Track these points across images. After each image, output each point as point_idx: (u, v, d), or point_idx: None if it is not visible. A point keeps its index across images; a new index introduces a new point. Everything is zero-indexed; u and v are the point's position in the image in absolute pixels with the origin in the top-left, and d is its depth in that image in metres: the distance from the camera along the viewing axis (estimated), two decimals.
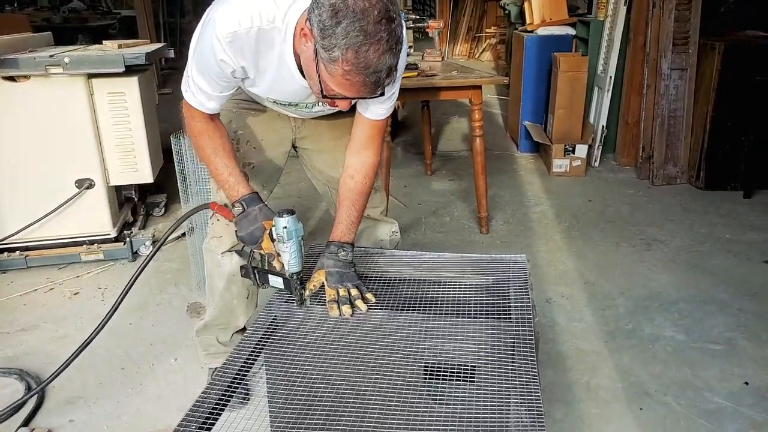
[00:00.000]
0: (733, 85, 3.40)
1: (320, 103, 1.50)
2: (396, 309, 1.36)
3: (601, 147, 4.06)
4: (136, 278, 1.47)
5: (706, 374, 1.83)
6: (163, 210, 3.27)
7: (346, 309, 1.29)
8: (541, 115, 4.32)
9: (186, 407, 1.02)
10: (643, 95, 3.79)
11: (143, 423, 1.68)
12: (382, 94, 1.22)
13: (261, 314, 1.36)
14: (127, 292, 1.49)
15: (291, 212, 1.29)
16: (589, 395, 1.74)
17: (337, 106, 1.31)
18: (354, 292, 1.32)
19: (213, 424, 1.03)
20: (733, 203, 3.30)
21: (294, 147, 1.75)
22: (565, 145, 3.89)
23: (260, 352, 1.26)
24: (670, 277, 2.46)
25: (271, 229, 1.31)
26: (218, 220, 1.63)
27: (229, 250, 1.64)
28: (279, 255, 1.32)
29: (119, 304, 1.49)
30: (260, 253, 1.38)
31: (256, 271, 1.40)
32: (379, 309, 1.34)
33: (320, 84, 1.18)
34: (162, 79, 6.85)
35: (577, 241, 2.86)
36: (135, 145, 2.70)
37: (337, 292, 1.32)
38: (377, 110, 1.44)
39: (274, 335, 1.30)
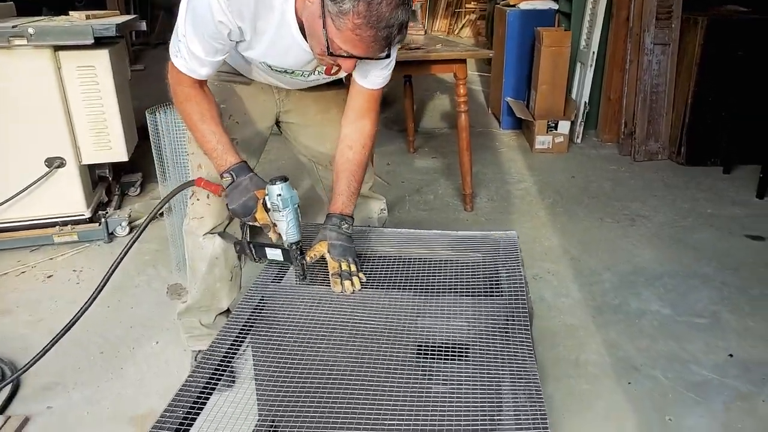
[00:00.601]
0: (715, 60, 3.40)
1: (317, 71, 1.44)
2: (386, 288, 1.33)
3: (583, 123, 4.05)
4: (118, 264, 1.41)
5: (691, 347, 1.84)
6: (138, 189, 3.18)
7: (348, 284, 1.25)
8: (524, 92, 4.28)
9: (168, 391, 0.98)
10: (625, 71, 3.77)
11: (124, 408, 1.63)
12: (389, 55, 1.17)
13: (247, 295, 1.31)
14: (108, 280, 1.42)
15: (284, 179, 1.23)
16: (578, 371, 1.74)
17: (336, 71, 1.25)
18: (353, 268, 1.28)
19: (201, 409, 0.99)
20: (714, 179, 3.32)
21: (277, 122, 1.68)
22: (548, 122, 3.86)
23: (247, 335, 1.22)
24: (655, 252, 2.47)
25: (264, 199, 1.26)
26: (198, 200, 1.57)
27: (211, 232, 1.58)
28: (275, 225, 1.27)
29: (99, 291, 1.43)
30: (255, 225, 1.32)
31: (251, 246, 1.35)
32: (370, 288, 1.30)
33: (326, 41, 1.12)
34: (134, 55, 6.64)
35: (562, 218, 2.85)
36: (108, 122, 2.60)
37: (340, 266, 1.27)
38: (376, 79, 1.38)
39: (261, 316, 1.26)
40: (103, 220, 2.62)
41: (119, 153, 2.67)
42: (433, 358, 1.16)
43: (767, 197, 3.01)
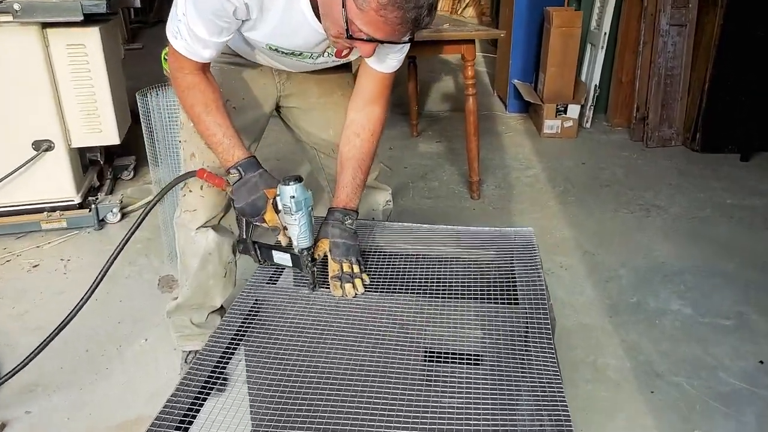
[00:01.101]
0: (734, 41, 3.24)
1: (326, 53, 1.30)
2: (391, 290, 1.21)
3: (593, 107, 3.90)
4: (110, 266, 1.30)
5: (717, 352, 1.73)
6: (132, 173, 3.05)
7: (349, 288, 1.13)
8: (531, 74, 4.13)
9: (157, 395, 0.90)
10: (639, 53, 3.61)
11: (110, 413, 1.52)
12: (412, 39, 1.05)
13: (241, 296, 1.20)
14: (99, 283, 1.31)
15: (299, 179, 1.10)
16: (596, 376, 1.63)
17: (347, 53, 1.12)
18: (356, 269, 1.17)
19: (194, 418, 0.90)
20: (731, 166, 3.19)
21: (277, 107, 1.55)
22: (557, 105, 3.72)
23: (240, 340, 1.11)
24: (673, 247, 2.35)
25: (275, 199, 1.13)
26: (190, 191, 1.44)
27: (204, 226, 1.46)
28: (285, 228, 1.15)
29: (91, 293, 1.32)
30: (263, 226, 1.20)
31: (257, 246, 1.23)
32: (373, 290, 1.19)
33: (345, 23, 0.99)
34: (131, 33, 6.45)
35: (573, 207, 2.72)
36: (98, 103, 2.46)
37: (341, 267, 1.16)
38: (391, 61, 1.26)
39: (256, 320, 1.15)
40: (93, 206, 2.49)
41: (110, 136, 2.54)
42: (444, 369, 1.06)
43: None
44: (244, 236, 1.24)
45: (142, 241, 2.40)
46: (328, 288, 1.16)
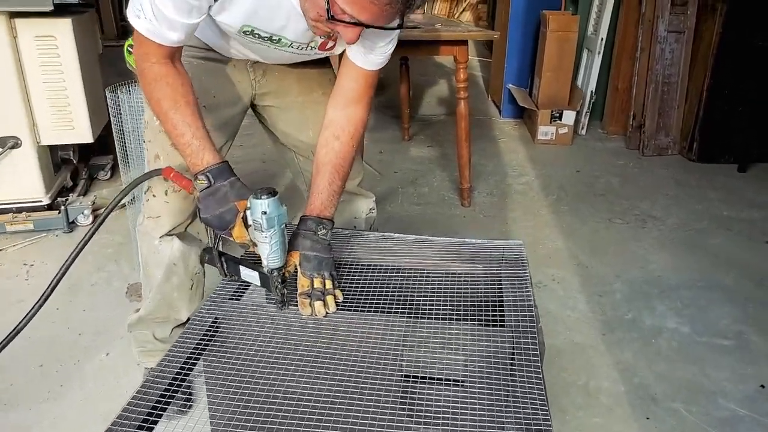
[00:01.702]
0: (733, 50, 3.16)
1: (310, 47, 1.20)
2: (367, 308, 1.11)
3: (588, 114, 3.81)
4: (67, 268, 1.18)
5: (716, 375, 1.62)
6: (109, 173, 2.93)
7: (319, 306, 1.02)
8: (527, 79, 4.04)
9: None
10: (636, 59, 3.52)
11: None
12: (401, 25, 0.95)
13: (199, 313, 1.08)
14: (55, 286, 1.19)
15: (272, 193, 0.98)
16: (588, 401, 1.52)
17: (332, 46, 1.01)
18: (328, 284, 1.06)
19: None
20: (728, 177, 3.10)
21: (253, 106, 1.44)
22: (552, 111, 3.62)
23: (196, 361, 1.00)
24: (669, 259, 2.25)
25: (245, 213, 1.01)
26: (154, 196, 1.33)
27: (169, 234, 1.34)
28: (254, 245, 1.03)
29: (45, 299, 1.20)
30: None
31: (223, 259, 1.11)
32: (347, 308, 1.08)
33: (326, 2, 0.90)
34: (121, 29, 6.30)
35: (566, 217, 2.62)
36: (70, 99, 2.34)
37: (312, 283, 1.05)
38: (375, 57, 1.15)
39: (215, 339, 1.04)
40: (62, 207, 2.37)
41: (83, 134, 2.42)
42: (422, 396, 0.95)
43: None
44: (211, 245, 1.13)
45: (114, 245, 2.28)
46: (295, 304, 1.05)
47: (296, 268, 1.08)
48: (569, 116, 3.62)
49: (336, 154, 1.19)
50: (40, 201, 2.38)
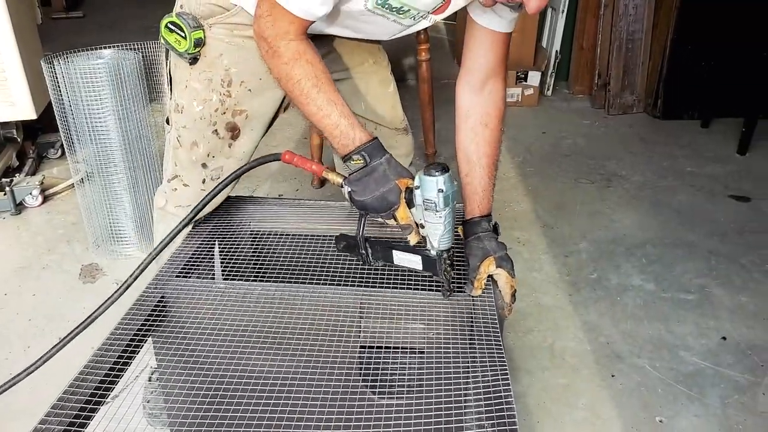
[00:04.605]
0: (695, 5, 3.13)
1: (429, 15, 1.08)
2: (324, 280, 1.07)
3: (554, 74, 3.77)
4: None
5: (680, 330, 1.63)
6: (59, 151, 2.79)
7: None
8: None
9: None
10: (600, 16, 3.47)
11: (9, 428, 1.33)
12: None
13: (142, 296, 1.03)
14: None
15: (445, 169, 0.90)
16: (554, 362, 1.51)
17: (444, 8, 0.96)
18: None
19: (83, 427, 0.79)
20: (692, 133, 3.10)
21: None
22: (517, 72, 3.57)
23: (142, 341, 0.96)
24: (634, 217, 2.24)
25: (413, 192, 0.93)
26: (186, 185, 1.21)
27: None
28: (420, 227, 0.96)
29: None
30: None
31: (368, 244, 1.02)
32: (303, 281, 1.04)
33: None
34: (71, 1, 5.99)
35: (533, 178, 2.60)
36: (7, 73, 2.21)
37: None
38: (510, 16, 1.05)
39: (162, 321, 0.99)
40: (8, 188, 2.25)
41: (24, 110, 2.30)
42: (381, 367, 0.93)
43: (750, 153, 2.82)
44: (358, 232, 1.02)
45: (65, 226, 2.18)
46: (248, 281, 1.00)
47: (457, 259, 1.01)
48: (535, 77, 3.58)
49: (488, 143, 1.10)
50: None
